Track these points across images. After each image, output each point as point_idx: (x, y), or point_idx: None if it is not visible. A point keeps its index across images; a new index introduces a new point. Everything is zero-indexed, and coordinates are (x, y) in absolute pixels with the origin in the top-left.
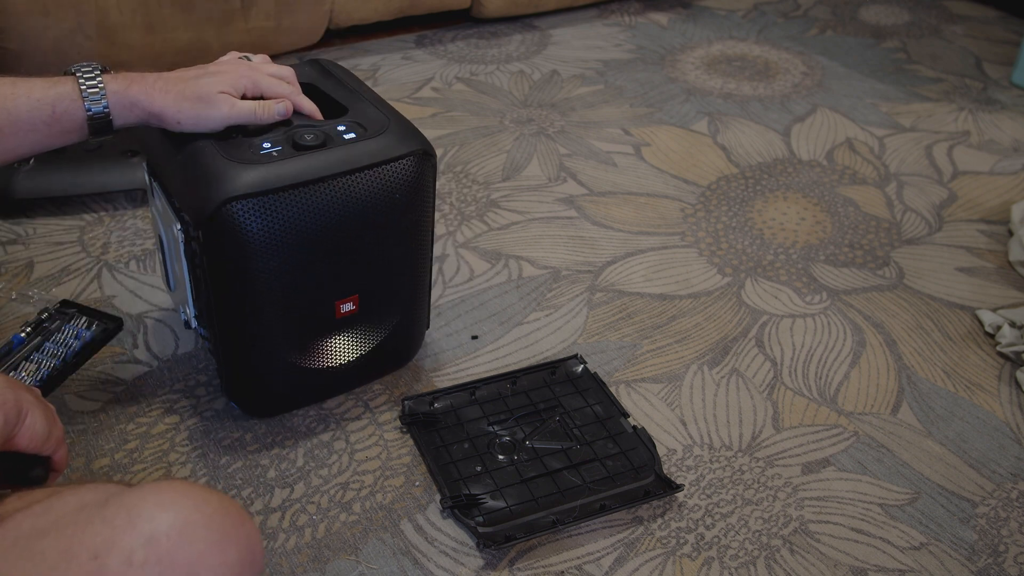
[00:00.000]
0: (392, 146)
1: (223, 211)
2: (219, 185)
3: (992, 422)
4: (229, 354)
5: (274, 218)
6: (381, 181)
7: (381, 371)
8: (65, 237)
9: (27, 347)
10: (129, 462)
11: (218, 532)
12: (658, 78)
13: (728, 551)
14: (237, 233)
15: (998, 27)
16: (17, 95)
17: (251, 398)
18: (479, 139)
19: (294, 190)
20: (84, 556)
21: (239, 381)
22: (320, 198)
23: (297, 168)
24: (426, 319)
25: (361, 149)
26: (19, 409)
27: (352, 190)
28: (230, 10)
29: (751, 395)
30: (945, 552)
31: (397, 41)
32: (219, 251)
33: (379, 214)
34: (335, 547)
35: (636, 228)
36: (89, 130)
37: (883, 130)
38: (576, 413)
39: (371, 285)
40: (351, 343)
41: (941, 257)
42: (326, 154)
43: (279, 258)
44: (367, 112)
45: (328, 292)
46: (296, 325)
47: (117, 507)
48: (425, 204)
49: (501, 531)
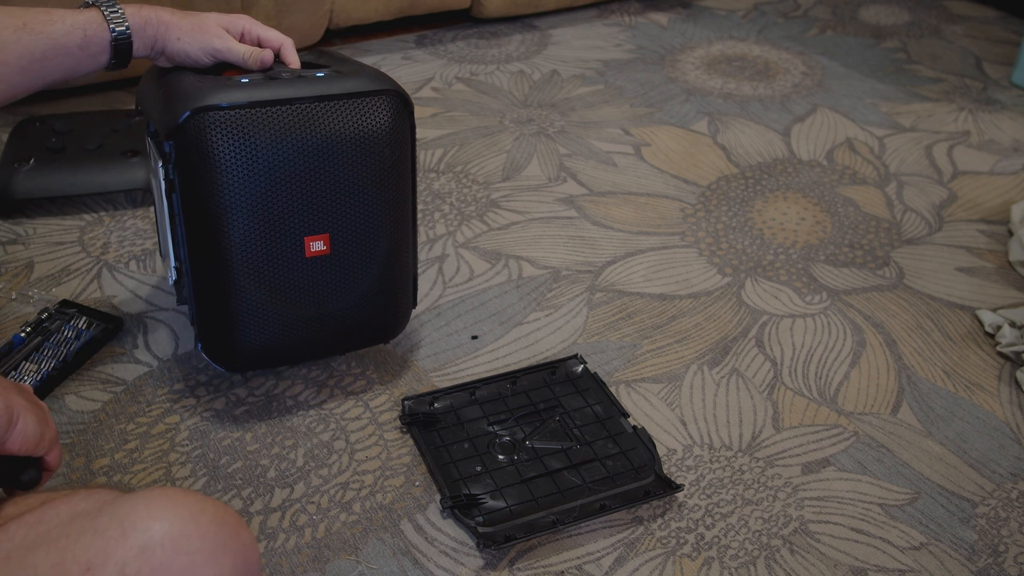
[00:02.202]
0: (364, 84)
1: (192, 121)
2: (190, 99)
3: (992, 422)
4: (198, 294)
5: (242, 134)
6: (351, 114)
7: (360, 341)
8: (65, 237)
9: (27, 347)
10: (129, 462)
11: (212, 542)
12: (658, 78)
13: (728, 551)
14: (204, 144)
15: (998, 27)
16: (54, 21)
17: (221, 347)
18: (479, 139)
19: (263, 108)
20: (77, 569)
21: (208, 328)
22: (289, 120)
23: (268, 91)
24: (411, 293)
25: (334, 83)
26: (10, 415)
27: (322, 118)
28: (230, 10)
29: (751, 395)
30: (945, 552)
31: (397, 41)
32: (187, 165)
33: (350, 150)
34: (335, 547)
35: (636, 228)
36: (112, 53)
37: (883, 130)
38: (576, 413)
39: (344, 226)
40: (323, 289)
41: (941, 257)
42: (298, 82)
43: (246, 177)
44: (348, 66)
45: (297, 224)
46: (264, 257)
47: (110, 517)
48: (401, 150)
49: (501, 531)
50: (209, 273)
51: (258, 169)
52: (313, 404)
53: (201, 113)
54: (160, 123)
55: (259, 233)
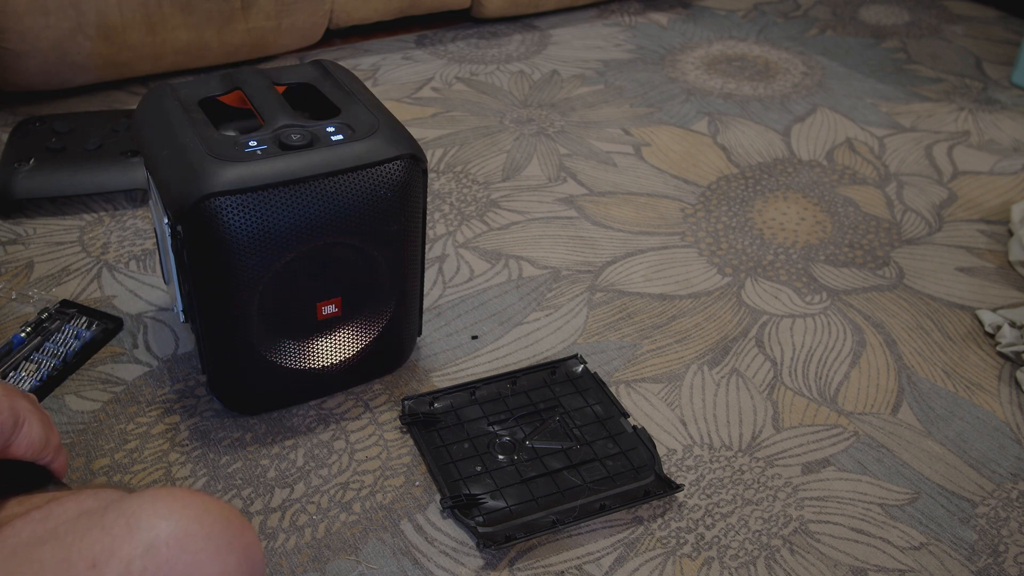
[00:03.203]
0: (379, 149)
1: (202, 206)
2: (200, 181)
3: (992, 422)
4: (210, 349)
5: (254, 216)
6: (366, 184)
7: (367, 376)
8: (65, 237)
9: (27, 347)
10: (129, 462)
11: (218, 541)
12: (658, 78)
13: (728, 551)
14: (216, 229)
15: (998, 27)
16: None
17: (232, 394)
18: (479, 139)
19: (275, 189)
20: (82, 565)
21: (219, 377)
22: (302, 198)
23: (280, 167)
24: (417, 326)
25: (347, 151)
26: (15, 417)
27: (335, 192)
28: (230, 10)
29: (751, 395)
30: (945, 552)
31: (397, 41)
32: (198, 246)
33: (363, 218)
34: (335, 547)
35: (636, 228)
36: None
37: (883, 130)
38: (576, 413)
39: (355, 289)
40: (334, 346)
41: (941, 257)
42: (311, 154)
43: (258, 256)
44: (359, 115)
45: (310, 293)
46: (276, 324)
47: (116, 515)
48: (413, 210)
49: (501, 531)
50: (220, 331)
51: (270, 246)
52: (313, 404)
53: (212, 199)
54: (169, 202)
55: (271, 303)
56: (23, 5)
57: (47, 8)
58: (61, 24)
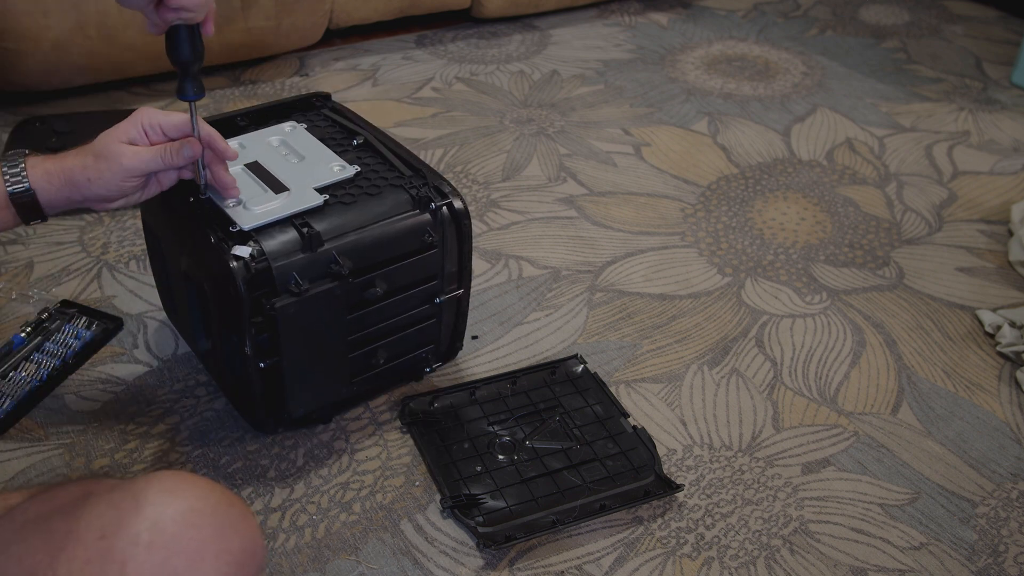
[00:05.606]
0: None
1: None
2: None
3: (992, 422)
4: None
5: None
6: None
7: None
8: (65, 237)
9: (27, 347)
10: (129, 462)
11: (222, 521)
12: (658, 78)
13: (728, 551)
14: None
15: (998, 27)
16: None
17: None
18: (479, 139)
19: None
20: (91, 536)
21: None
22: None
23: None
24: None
25: None
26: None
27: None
28: (230, 10)
29: (751, 395)
30: (945, 552)
31: (397, 41)
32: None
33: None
34: (335, 547)
35: (636, 228)
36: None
37: (883, 130)
38: (576, 413)
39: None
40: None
41: (941, 257)
42: None
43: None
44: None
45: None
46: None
47: (123, 493)
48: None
49: (501, 531)
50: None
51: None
52: None
53: None
54: None
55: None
56: (23, 5)
57: (47, 8)
58: (61, 24)
